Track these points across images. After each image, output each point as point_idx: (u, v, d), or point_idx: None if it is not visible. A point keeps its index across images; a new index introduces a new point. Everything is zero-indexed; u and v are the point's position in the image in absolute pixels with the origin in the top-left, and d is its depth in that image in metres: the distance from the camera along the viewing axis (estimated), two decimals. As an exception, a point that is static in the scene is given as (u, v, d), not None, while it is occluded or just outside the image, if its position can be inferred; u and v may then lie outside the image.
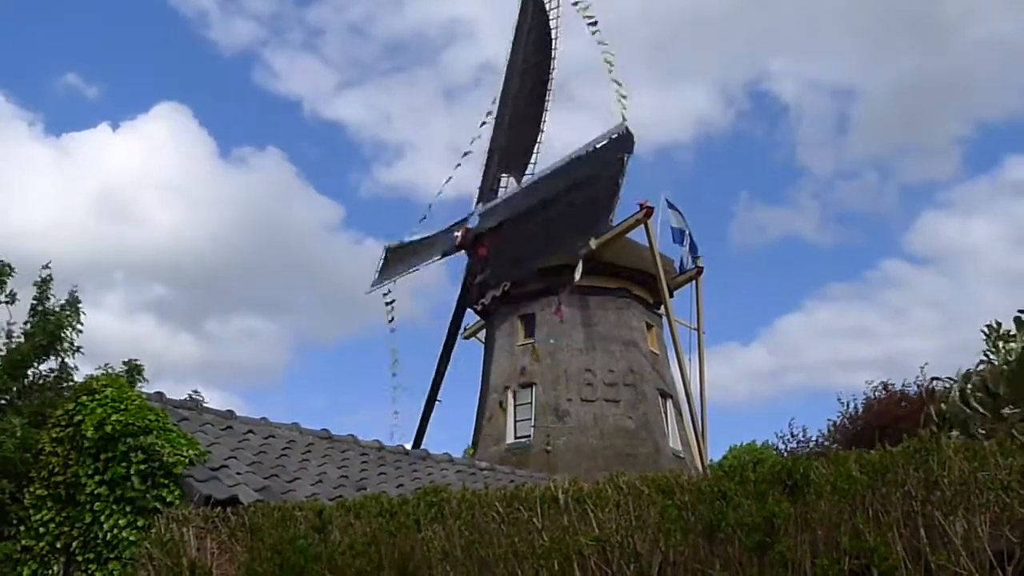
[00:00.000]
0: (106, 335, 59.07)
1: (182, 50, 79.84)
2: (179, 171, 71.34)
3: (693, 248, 24.19)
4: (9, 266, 15.39)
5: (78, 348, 15.65)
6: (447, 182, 26.36)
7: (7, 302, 15.33)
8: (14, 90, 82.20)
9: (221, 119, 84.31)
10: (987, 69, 69.77)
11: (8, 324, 15.36)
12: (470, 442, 23.05)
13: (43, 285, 15.78)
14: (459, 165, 25.81)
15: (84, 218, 69.10)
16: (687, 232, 24.07)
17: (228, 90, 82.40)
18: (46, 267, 15.94)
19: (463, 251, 24.13)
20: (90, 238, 67.48)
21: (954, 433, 7.01)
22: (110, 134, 75.49)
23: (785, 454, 24.47)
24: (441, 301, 25.02)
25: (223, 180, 77.05)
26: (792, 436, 28.46)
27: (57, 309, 15.61)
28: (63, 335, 15.24)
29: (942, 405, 8.12)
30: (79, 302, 15.87)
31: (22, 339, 15.03)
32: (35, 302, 15.65)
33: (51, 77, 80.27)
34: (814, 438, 27.43)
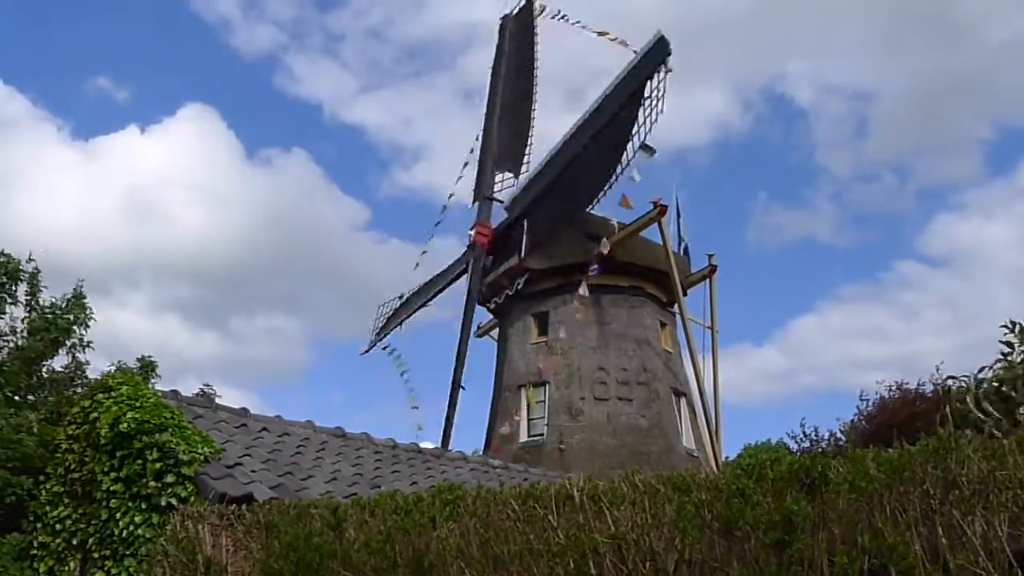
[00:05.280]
0: (132, 334, 59.59)
1: (206, 55, 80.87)
2: (206, 171, 71.94)
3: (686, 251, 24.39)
4: (19, 263, 15.40)
5: (88, 343, 15.70)
6: (458, 182, 26.45)
7: (20, 302, 15.41)
8: (42, 95, 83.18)
9: (246, 121, 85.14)
10: (1007, 71, 69.19)
11: (13, 321, 15.44)
12: (483, 440, 23.02)
13: (32, 279, 15.74)
14: (466, 164, 25.95)
15: (112, 219, 69.72)
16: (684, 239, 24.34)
17: (251, 94, 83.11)
18: (31, 260, 15.77)
19: (473, 248, 24.19)
20: (118, 239, 68.11)
21: (968, 433, 6.96)
22: (138, 136, 76.03)
23: (797, 454, 24.34)
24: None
25: (250, 180, 77.55)
26: (805, 436, 28.31)
27: (63, 304, 15.62)
28: (72, 329, 15.29)
29: (958, 404, 8.07)
30: (84, 297, 15.86)
31: (28, 335, 15.08)
32: (28, 297, 15.66)
33: (79, 81, 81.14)
34: (825, 437, 27.26)
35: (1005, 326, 9.22)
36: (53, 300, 15.65)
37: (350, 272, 76.17)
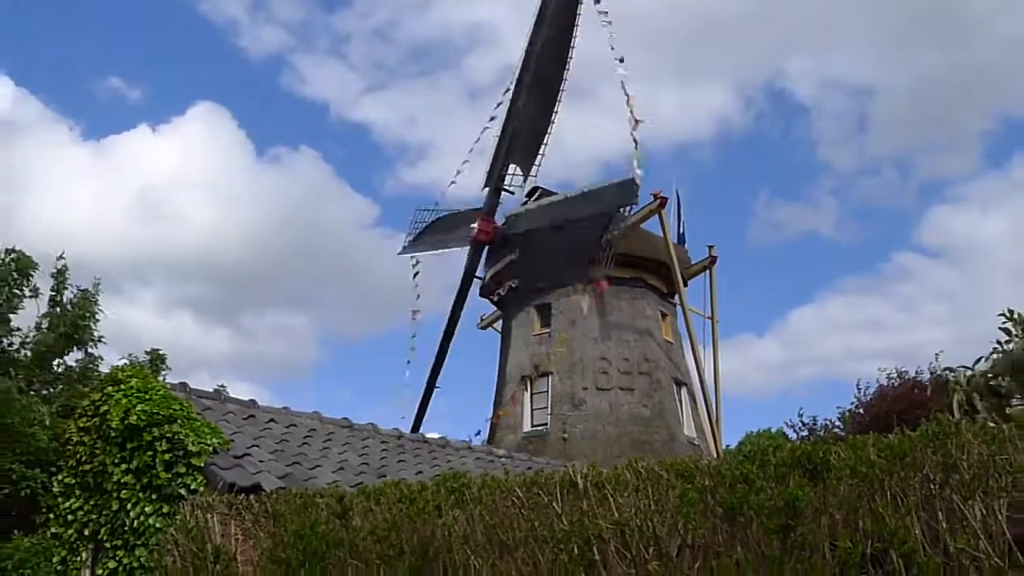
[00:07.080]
0: (144, 331, 59.68)
1: (214, 56, 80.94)
2: (217, 169, 71.86)
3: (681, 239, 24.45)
4: (31, 259, 15.51)
5: (100, 338, 15.81)
6: (459, 172, 26.29)
7: (31, 296, 15.51)
8: (54, 96, 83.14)
9: (255, 120, 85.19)
10: (1008, 66, 68.82)
11: (36, 318, 15.56)
12: (485, 431, 23.09)
13: (59, 276, 15.91)
14: (466, 161, 25.84)
15: (124, 218, 69.65)
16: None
17: (259, 93, 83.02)
18: (60, 258, 16.04)
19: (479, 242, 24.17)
20: (129, 237, 67.98)
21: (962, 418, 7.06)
22: (149, 135, 75.88)
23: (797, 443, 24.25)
24: (472, 297, 25.19)
25: (259, 178, 77.32)
26: (803, 424, 28.33)
27: (75, 299, 15.76)
28: (85, 325, 15.40)
29: (956, 395, 8.13)
30: (96, 294, 16.01)
31: (46, 330, 15.20)
32: (53, 293, 15.83)
33: (90, 82, 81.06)
34: (821, 425, 27.22)
35: (1003, 315, 9.30)
36: (63, 298, 15.79)
37: (359, 269, 76.15)
